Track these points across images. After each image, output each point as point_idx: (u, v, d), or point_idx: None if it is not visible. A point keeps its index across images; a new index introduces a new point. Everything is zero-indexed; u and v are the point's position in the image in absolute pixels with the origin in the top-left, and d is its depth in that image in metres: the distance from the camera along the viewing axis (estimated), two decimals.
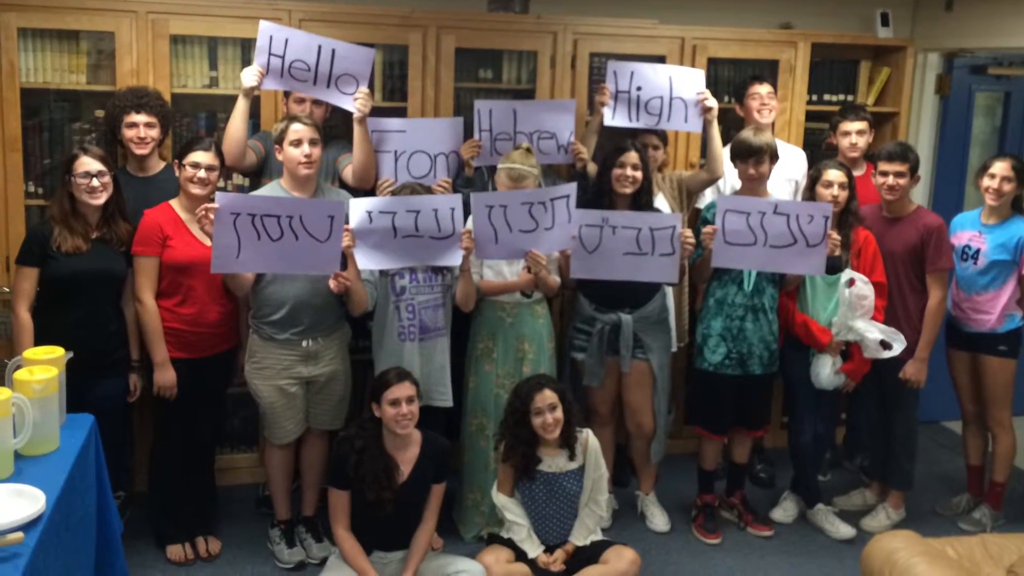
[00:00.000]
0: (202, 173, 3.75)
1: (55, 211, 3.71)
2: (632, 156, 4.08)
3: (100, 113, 4.22)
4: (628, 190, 4.09)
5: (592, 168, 4.34)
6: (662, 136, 4.54)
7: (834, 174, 4.17)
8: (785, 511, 4.56)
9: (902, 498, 4.55)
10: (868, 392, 4.44)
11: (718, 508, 4.50)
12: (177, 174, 3.82)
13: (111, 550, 3.26)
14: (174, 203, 3.85)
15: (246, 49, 4.30)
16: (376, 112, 4.16)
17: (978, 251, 4.38)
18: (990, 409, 4.48)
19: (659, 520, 4.45)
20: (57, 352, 3.04)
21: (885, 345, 4.11)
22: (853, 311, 4.10)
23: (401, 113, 4.48)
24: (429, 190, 4.07)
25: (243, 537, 4.21)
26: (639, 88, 4.34)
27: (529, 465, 3.77)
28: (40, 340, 3.52)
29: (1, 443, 2.65)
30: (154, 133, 4.00)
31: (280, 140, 3.79)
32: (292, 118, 3.82)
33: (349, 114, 4.03)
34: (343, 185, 4.18)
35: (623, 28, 4.77)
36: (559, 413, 3.72)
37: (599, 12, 4.83)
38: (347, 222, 3.67)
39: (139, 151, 3.99)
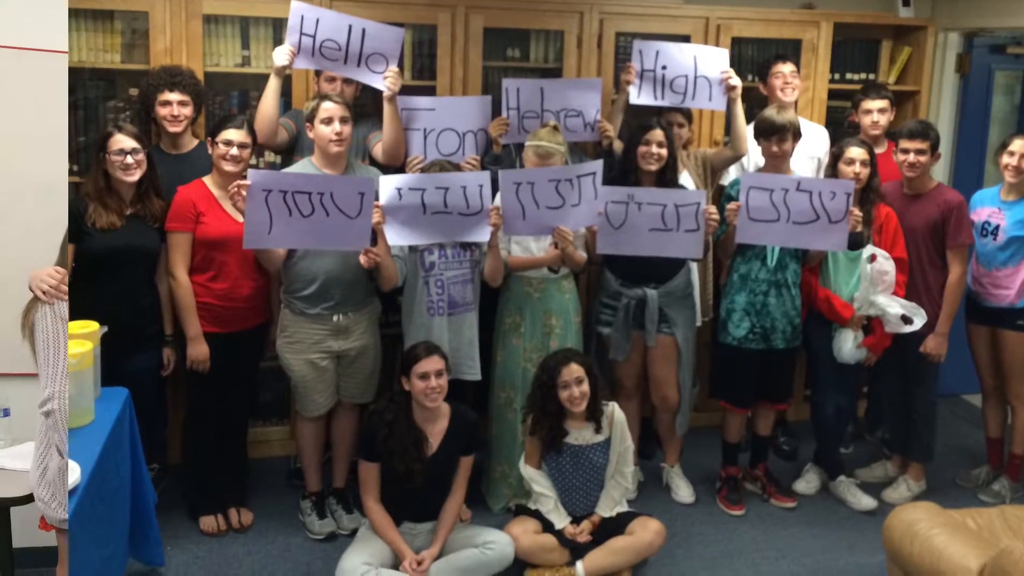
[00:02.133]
0: (234, 151, 3.78)
1: (90, 188, 3.73)
2: (657, 134, 4.09)
3: (134, 91, 4.25)
4: (653, 167, 4.11)
5: (618, 145, 4.36)
6: (687, 114, 4.55)
7: (856, 151, 4.19)
8: (808, 483, 4.59)
9: (922, 470, 4.58)
10: (889, 366, 4.46)
11: (742, 480, 4.54)
12: (210, 151, 3.85)
13: (145, 521, 3.32)
14: (207, 180, 3.88)
15: (278, 28, 4.33)
16: (405, 90, 4.17)
17: (997, 227, 4.39)
18: (1009, 382, 4.51)
19: (684, 492, 4.50)
20: (92, 326, 3.08)
21: (906, 320, 4.13)
22: (875, 286, 4.13)
23: (430, 91, 4.50)
24: (458, 167, 4.09)
25: (275, 508, 4.26)
26: (664, 67, 4.36)
27: (556, 438, 3.80)
28: (75, 315, 3.51)
29: None
30: (187, 111, 4.02)
31: (311, 118, 3.80)
32: (323, 96, 3.84)
33: (379, 93, 4.05)
34: (373, 162, 4.19)
35: (649, 8, 4.79)
36: (585, 387, 3.75)
37: None
38: (377, 199, 3.70)
39: (172, 129, 4.02)
